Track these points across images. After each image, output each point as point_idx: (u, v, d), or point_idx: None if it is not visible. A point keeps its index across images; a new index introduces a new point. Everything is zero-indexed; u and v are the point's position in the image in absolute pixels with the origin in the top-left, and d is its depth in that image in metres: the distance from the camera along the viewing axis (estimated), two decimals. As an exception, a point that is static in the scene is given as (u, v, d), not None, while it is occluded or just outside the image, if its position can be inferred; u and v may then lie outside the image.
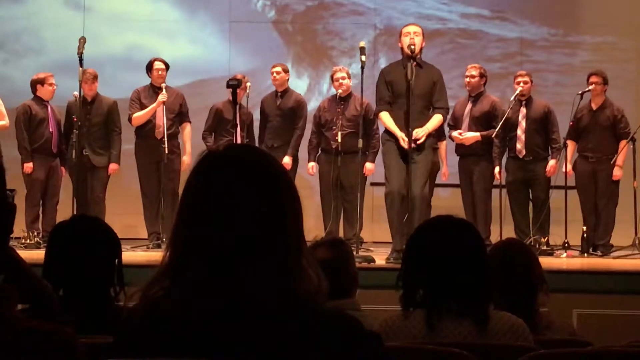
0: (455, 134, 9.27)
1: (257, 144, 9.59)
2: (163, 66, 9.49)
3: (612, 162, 9.03)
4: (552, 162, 9.14)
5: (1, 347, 1.47)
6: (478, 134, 9.15)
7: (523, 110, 9.22)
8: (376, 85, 8.00)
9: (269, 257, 1.64)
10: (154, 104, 9.35)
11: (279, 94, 9.61)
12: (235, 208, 1.66)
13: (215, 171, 1.71)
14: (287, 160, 9.26)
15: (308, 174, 9.67)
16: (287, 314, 1.62)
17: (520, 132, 9.18)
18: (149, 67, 9.53)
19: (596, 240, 9.13)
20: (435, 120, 7.86)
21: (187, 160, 9.43)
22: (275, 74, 9.58)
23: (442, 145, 9.43)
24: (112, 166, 9.51)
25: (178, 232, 1.71)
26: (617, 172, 9.07)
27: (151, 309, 1.68)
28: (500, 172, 9.15)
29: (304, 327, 1.63)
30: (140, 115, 9.41)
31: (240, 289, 1.62)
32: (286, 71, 9.67)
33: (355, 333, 1.66)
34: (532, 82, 9.28)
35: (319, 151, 9.51)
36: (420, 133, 7.62)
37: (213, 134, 9.60)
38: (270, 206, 1.67)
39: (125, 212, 9.90)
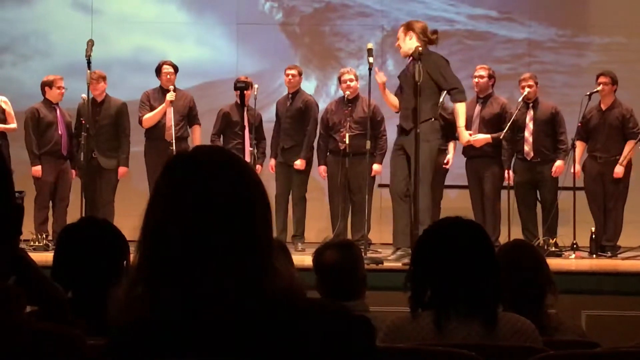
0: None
1: (269, 146, 9.63)
2: (171, 69, 9.51)
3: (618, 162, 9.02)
4: (558, 163, 9.12)
5: (11, 349, 1.48)
6: (489, 136, 9.14)
7: (530, 112, 9.21)
8: None
9: (239, 256, 1.64)
10: (163, 105, 9.37)
11: (290, 95, 9.64)
12: (203, 208, 1.65)
13: (182, 172, 1.71)
14: (298, 163, 9.32)
15: (319, 177, 9.70)
16: (266, 310, 1.62)
17: (527, 134, 9.17)
18: (158, 70, 9.55)
19: (605, 241, 9.11)
20: (461, 110, 8.16)
21: None
22: (290, 77, 9.59)
23: (451, 145, 9.41)
24: (122, 170, 9.52)
25: (146, 234, 1.70)
26: (618, 170, 9.04)
27: (128, 313, 1.68)
28: (509, 174, 9.14)
29: (285, 321, 1.62)
30: (150, 117, 9.43)
31: (212, 289, 1.62)
32: (300, 74, 9.72)
33: (340, 318, 1.66)
34: (537, 84, 9.25)
35: (328, 153, 9.53)
36: (464, 138, 8.52)
37: (222, 136, 9.62)
38: (237, 206, 1.67)
39: (133, 214, 9.79)
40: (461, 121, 8.16)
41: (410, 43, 7.87)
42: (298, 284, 1.71)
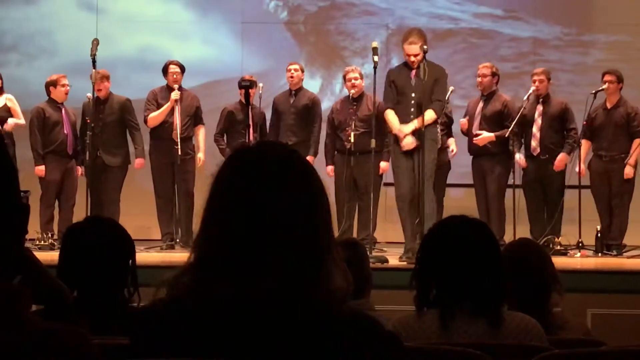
0: (464, 120, 9.32)
1: None
2: (178, 69, 9.49)
3: (625, 162, 9.00)
4: (560, 156, 9.08)
5: (15, 348, 1.48)
6: (492, 134, 9.13)
7: (540, 107, 9.19)
8: (384, 86, 8.22)
9: (299, 255, 1.64)
10: (168, 104, 9.37)
11: (293, 92, 9.63)
12: (267, 205, 1.65)
13: (247, 168, 1.70)
14: (310, 159, 9.33)
15: (327, 176, 9.69)
16: (310, 314, 1.62)
17: (535, 129, 9.15)
18: (165, 70, 9.54)
19: (610, 239, 9.10)
20: (427, 115, 7.89)
21: (203, 157, 9.45)
22: (293, 71, 9.60)
23: (452, 140, 9.45)
24: (138, 161, 9.51)
25: (207, 229, 1.70)
26: (628, 171, 9.03)
27: (176, 307, 1.68)
28: (520, 161, 9.11)
29: (325, 327, 1.62)
30: (155, 116, 9.42)
31: (267, 287, 1.62)
32: (302, 70, 9.74)
33: (375, 333, 1.66)
34: (549, 79, 9.24)
35: (335, 152, 9.52)
36: (406, 130, 7.86)
37: (225, 135, 9.61)
38: (302, 204, 1.67)
39: (138, 213, 9.92)
40: (412, 125, 7.91)
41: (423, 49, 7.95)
42: (349, 290, 1.70)
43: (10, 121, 9.32)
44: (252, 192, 1.66)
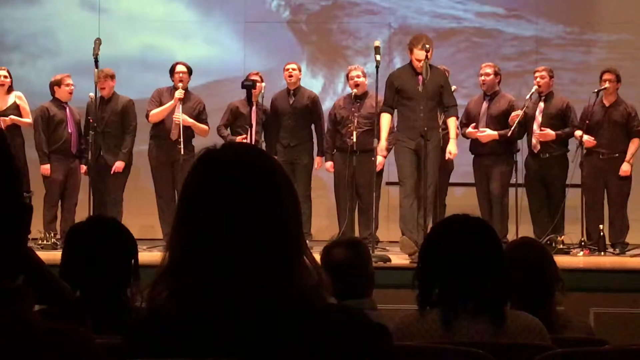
0: (470, 129, 9.21)
1: (265, 142, 9.57)
2: (184, 69, 9.46)
3: (626, 159, 8.99)
4: (547, 130, 9.06)
5: (18, 348, 1.48)
6: (496, 132, 9.12)
7: (541, 105, 9.18)
8: (385, 88, 8.35)
9: (270, 255, 1.65)
10: (171, 102, 9.35)
11: (292, 92, 9.60)
12: (235, 207, 1.66)
13: (213, 170, 1.71)
14: (319, 161, 9.37)
15: (323, 174, 9.68)
16: (290, 311, 1.63)
17: (535, 126, 9.14)
18: (171, 71, 9.51)
19: (612, 238, 9.08)
20: (454, 124, 8.40)
21: (188, 119, 9.36)
22: (291, 70, 9.58)
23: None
24: (118, 164, 9.42)
25: (178, 232, 1.71)
26: (625, 168, 9.01)
27: (156, 310, 1.69)
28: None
29: (308, 323, 1.63)
30: (157, 112, 9.40)
31: (242, 288, 1.63)
32: (300, 69, 9.72)
33: (360, 325, 1.67)
34: (551, 77, 9.22)
35: (335, 150, 9.52)
36: (453, 150, 8.34)
37: (229, 129, 9.58)
38: (270, 204, 1.68)
39: (141, 213, 9.92)
40: (453, 134, 8.42)
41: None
42: (326, 285, 1.71)
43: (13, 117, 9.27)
44: (219, 196, 1.67)
